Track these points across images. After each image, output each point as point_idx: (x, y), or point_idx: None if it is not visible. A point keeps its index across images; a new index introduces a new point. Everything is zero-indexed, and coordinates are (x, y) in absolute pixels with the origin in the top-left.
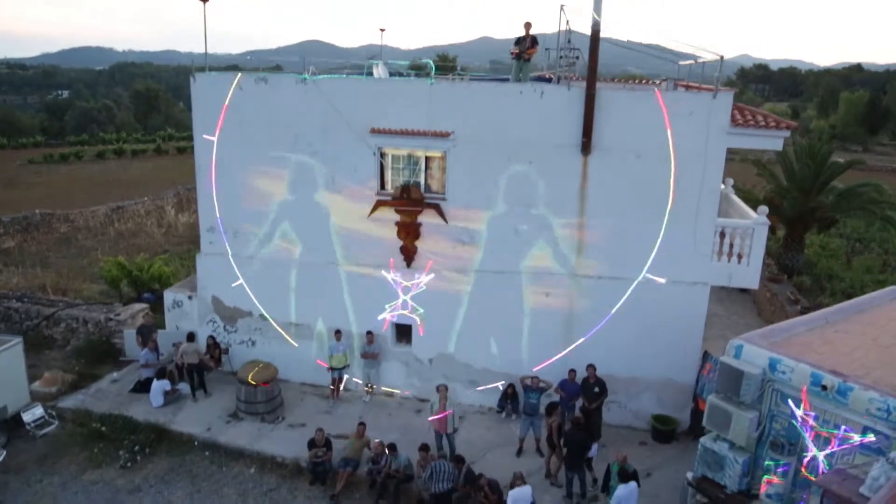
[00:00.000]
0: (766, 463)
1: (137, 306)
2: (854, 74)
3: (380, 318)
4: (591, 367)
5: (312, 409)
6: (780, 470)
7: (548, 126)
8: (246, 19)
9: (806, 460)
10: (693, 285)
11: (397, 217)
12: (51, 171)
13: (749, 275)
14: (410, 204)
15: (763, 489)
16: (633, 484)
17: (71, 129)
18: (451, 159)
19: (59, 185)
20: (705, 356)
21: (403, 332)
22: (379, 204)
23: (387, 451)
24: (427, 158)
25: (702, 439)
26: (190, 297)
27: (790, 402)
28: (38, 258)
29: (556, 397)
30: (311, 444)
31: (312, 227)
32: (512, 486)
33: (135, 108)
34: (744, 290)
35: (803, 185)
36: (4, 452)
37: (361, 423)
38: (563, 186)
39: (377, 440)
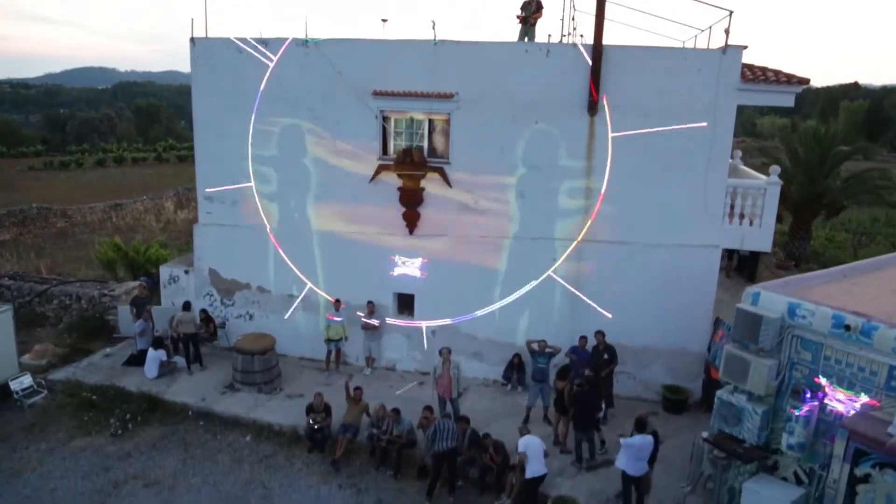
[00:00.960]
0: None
1: (133, 283)
2: (852, 91)
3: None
4: (599, 333)
5: (311, 382)
6: (801, 418)
7: (554, 86)
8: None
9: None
10: (704, 248)
11: (400, 182)
12: (50, 177)
13: (761, 237)
14: (413, 168)
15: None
16: (649, 437)
17: (72, 139)
18: (455, 121)
19: (58, 188)
20: (717, 322)
21: (405, 302)
22: (381, 168)
23: (389, 416)
24: (430, 121)
25: (718, 392)
26: (186, 272)
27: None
28: (35, 249)
29: (566, 363)
30: (310, 409)
31: (312, 194)
32: (521, 436)
33: (136, 120)
34: (750, 279)
35: (809, 170)
36: None
37: (358, 388)
38: (569, 148)
39: (379, 404)
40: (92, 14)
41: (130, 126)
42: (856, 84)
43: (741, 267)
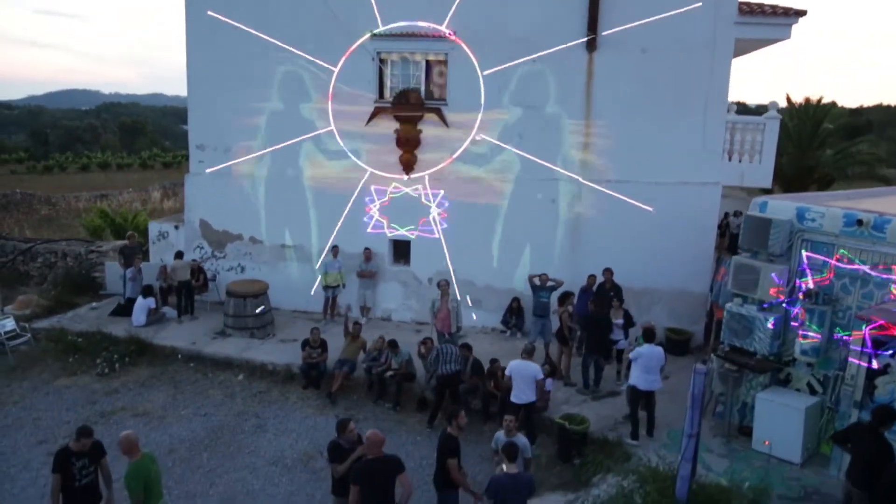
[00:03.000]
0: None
1: (121, 242)
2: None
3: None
4: (607, 270)
5: (305, 330)
6: (814, 322)
7: (552, 23)
8: None
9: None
10: (704, 186)
11: (396, 125)
12: (33, 180)
13: (762, 173)
14: (410, 109)
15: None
16: (658, 348)
17: (55, 149)
18: (452, 61)
19: (41, 186)
20: (719, 261)
21: (401, 250)
22: (378, 111)
23: (387, 348)
24: (428, 63)
25: (727, 305)
26: (176, 227)
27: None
28: (17, 229)
29: (567, 290)
30: (305, 343)
31: (308, 139)
32: None
33: (120, 134)
34: None
35: (800, 144)
36: None
37: (357, 323)
38: (568, 86)
39: (378, 336)
40: (76, 37)
41: (115, 138)
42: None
43: (732, 247)
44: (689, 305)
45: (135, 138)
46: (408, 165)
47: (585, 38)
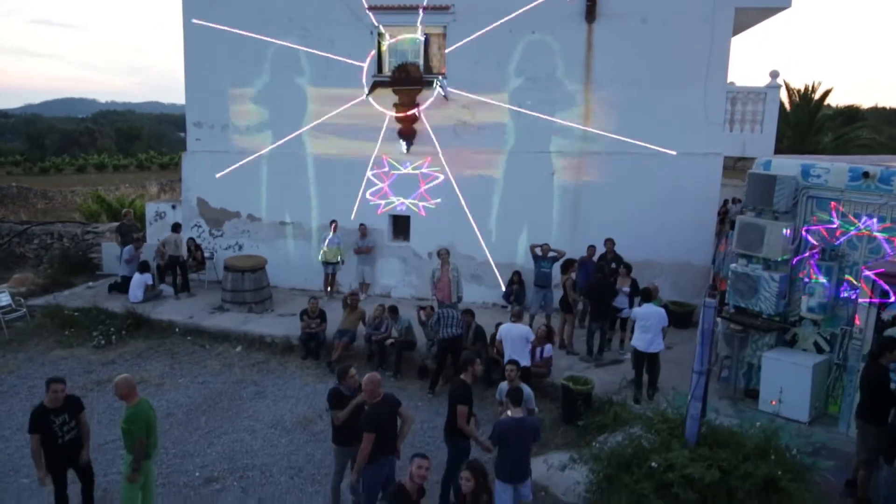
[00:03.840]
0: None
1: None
2: None
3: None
4: (609, 241)
5: (303, 305)
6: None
7: None
8: None
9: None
10: (705, 156)
11: (395, 99)
12: (30, 180)
13: (763, 143)
14: (409, 83)
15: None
16: (659, 308)
17: (51, 152)
18: (451, 34)
19: (38, 185)
20: (721, 232)
21: (401, 225)
22: (376, 85)
23: (387, 315)
24: (426, 36)
25: (732, 266)
26: (174, 207)
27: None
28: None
29: (570, 258)
30: (304, 314)
31: (306, 115)
32: None
33: (116, 137)
34: None
35: (798, 128)
36: None
37: (354, 294)
38: (567, 57)
39: (378, 304)
40: (72, 46)
41: (111, 142)
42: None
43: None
44: (692, 278)
45: (131, 143)
46: (407, 139)
47: (585, 8)
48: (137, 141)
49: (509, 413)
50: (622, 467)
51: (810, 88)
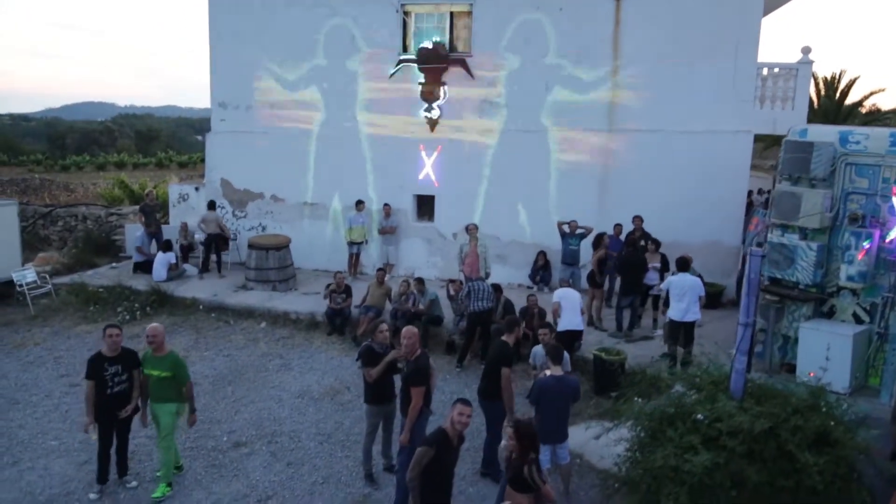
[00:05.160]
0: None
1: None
2: None
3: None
4: (637, 218)
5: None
6: (862, 244)
7: None
8: None
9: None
10: (735, 134)
11: (421, 77)
12: (52, 176)
13: (794, 120)
14: (434, 61)
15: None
16: (695, 277)
17: (72, 151)
18: (477, 11)
19: (61, 181)
20: (750, 211)
21: (425, 205)
22: (402, 62)
23: (414, 287)
24: (452, 14)
25: (769, 237)
26: (197, 189)
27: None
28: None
29: (600, 233)
30: (329, 289)
31: (331, 92)
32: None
33: (136, 138)
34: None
35: (826, 117)
36: None
37: (381, 269)
38: (595, 34)
39: (403, 279)
40: (91, 50)
41: (130, 142)
42: None
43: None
44: (721, 258)
45: (150, 144)
46: (432, 119)
47: None
48: (156, 141)
49: (548, 372)
50: (666, 422)
51: (836, 77)
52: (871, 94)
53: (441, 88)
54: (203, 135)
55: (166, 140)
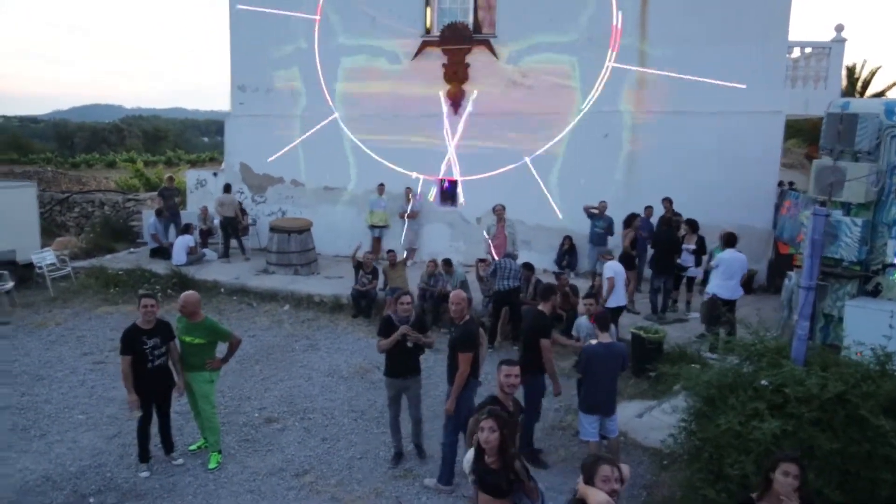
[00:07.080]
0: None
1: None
2: None
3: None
4: (666, 200)
5: (349, 270)
6: None
7: None
8: None
9: None
10: (765, 114)
11: (444, 59)
12: (63, 172)
13: (827, 100)
14: (458, 42)
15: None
16: (740, 254)
17: (81, 150)
18: None
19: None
20: (782, 194)
21: (447, 190)
22: (424, 45)
23: (441, 268)
24: None
25: (807, 212)
26: (215, 174)
27: None
28: None
29: (632, 212)
30: (358, 265)
31: (349, 75)
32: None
33: (144, 138)
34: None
35: None
36: (12, 283)
37: (391, 251)
38: (622, 14)
39: (430, 259)
40: (99, 53)
41: (139, 142)
42: None
43: None
44: (752, 242)
45: (158, 144)
46: (455, 100)
47: None
48: (164, 141)
49: (594, 341)
50: (727, 389)
51: (859, 67)
52: (894, 84)
53: (465, 70)
54: (208, 136)
55: (174, 140)
